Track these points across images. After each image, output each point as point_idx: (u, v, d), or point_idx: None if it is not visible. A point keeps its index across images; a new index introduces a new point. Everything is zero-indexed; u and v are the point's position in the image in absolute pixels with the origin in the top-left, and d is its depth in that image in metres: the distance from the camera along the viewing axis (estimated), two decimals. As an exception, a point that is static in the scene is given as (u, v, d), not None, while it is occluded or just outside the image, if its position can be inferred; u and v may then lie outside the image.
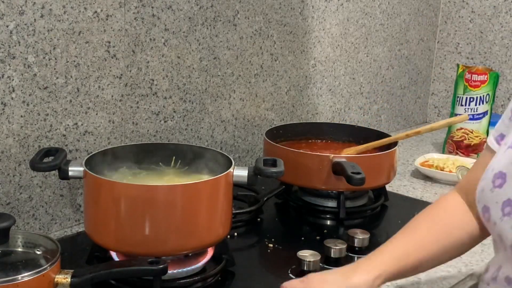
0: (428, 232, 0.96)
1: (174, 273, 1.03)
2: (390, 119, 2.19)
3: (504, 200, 0.84)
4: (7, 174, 1.14)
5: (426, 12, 2.23)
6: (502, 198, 0.85)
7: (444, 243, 0.96)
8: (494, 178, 0.87)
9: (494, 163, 0.90)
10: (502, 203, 0.85)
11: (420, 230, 0.97)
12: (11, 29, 1.09)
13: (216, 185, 1.03)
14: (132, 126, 1.33)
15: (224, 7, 1.47)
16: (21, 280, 0.80)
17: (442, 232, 0.97)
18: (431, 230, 0.97)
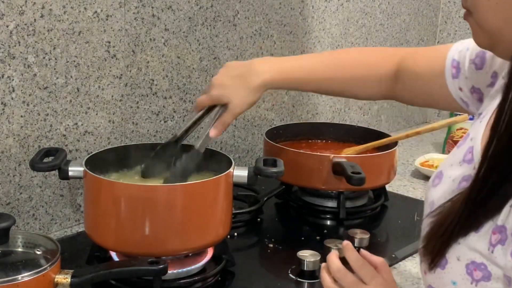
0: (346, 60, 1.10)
1: (174, 273, 1.03)
2: (390, 119, 2.19)
3: (430, 201, 0.82)
4: (7, 174, 1.14)
5: (426, 12, 2.23)
6: (430, 199, 0.82)
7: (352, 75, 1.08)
8: (435, 177, 0.84)
9: (442, 161, 0.88)
10: (429, 203, 0.82)
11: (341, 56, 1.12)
12: (11, 29, 1.09)
13: (216, 185, 1.03)
14: (132, 126, 1.33)
15: (224, 7, 1.47)
16: (21, 280, 0.80)
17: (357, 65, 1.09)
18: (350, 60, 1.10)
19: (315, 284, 1.08)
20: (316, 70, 1.10)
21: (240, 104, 1.08)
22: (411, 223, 1.37)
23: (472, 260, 0.69)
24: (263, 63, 1.09)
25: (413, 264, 1.18)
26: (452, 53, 0.95)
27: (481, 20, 0.70)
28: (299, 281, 1.08)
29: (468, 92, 0.93)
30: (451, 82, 0.95)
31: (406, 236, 1.28)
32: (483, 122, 0.80)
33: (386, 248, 1.27)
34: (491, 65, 0.88)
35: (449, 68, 0.95)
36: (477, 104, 0.93)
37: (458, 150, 0.82)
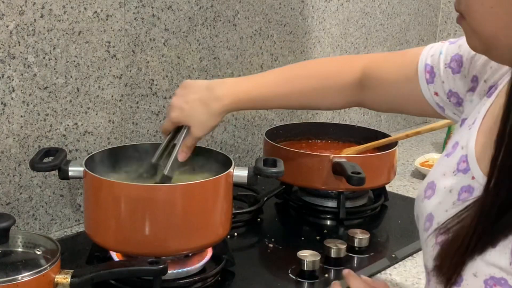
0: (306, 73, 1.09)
1: (174, 273, 1.03)
2: (390, 119, 2.19)
3: (427, 214, 0.79)
4: (7, 174, 1.14)
5: (426, 12, 2.23)
6: (427, 211, 0.79)
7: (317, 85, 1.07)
8: (427, 187, 0.82)
9: (431, 171, 0.85)
10: (425, 216, 0.80)
11: (300, 71, 1.10)
12: (11, 29, 1.09)
13: (216, 185, 1.03)
14: (132, 126, 1.33)
15: (224, 7, 1.47)
16: (21, 280, 0.80)
17: (318, 74, 1.08)
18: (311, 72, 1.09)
19: (315, 284, 1.08)
20: (274, 86, 1.08)
21: (201, 129, 1.06)
22: (411, 223, 1.36)
23: (491, 275, 0.66)
24: (222, 86, 1.07)
25: (413, 264, 1.18)
26: (423, 58, 0.93)
27: (475, 25, 0.69)
28: (299, 281, 1.08)
29: (445, 96, 0.91)
30: (426, 87, 0.93)
31: (406, 236, 1.28)
32: (472, 129, 0.78)
33: (386, 248, 1.27)
34: (469, 69, 0.87)
35: (422, 73, 0.93)
36: (453, 108, 0.92)
37: (448, 159, 0.80)
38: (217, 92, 1.06)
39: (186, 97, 1.06)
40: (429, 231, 0.77)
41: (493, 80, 0.82)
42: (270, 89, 1.08)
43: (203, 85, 1.08)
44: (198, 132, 1.06)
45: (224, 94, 1.06)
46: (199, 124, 1.06)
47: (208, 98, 1.05)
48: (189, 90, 1.07)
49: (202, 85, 1.08)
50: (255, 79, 1.10)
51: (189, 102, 1.06)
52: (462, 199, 0.74)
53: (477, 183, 0.73)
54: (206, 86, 1.07)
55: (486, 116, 0.79)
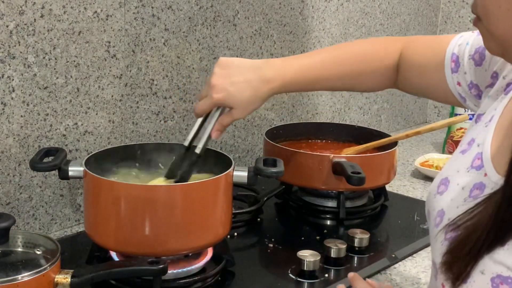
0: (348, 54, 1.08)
1: (174, 273, 1.03)
2: (390, 119, 2.19)
3: (439, 210, 0.79)
4: (7, 174, 1.14)
5: (426, 12, 2.23)
6: (438, 207, 0.79)
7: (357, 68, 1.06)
8: (440, 183, 0.82)
9: (445, 167, 0.85)
10: (437, 212, 0.79)
11: (343, 51, 1.09)
12: (11, 29, 1.09)
13: (216, 185, 1.03)
14: (132, 126, 1.33)
15: (224, 7, 1.47)
16: (21, 280, 0.80)
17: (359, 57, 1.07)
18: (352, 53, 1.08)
19: (315, 284, 1.08)
20: (321, 69, 1.06)
21: (244, 111, 1.03)
22: (411, 223, 1.37)
23: (498, 273, 0.66)
24: (270, 68, 1.03)
25: (413, 264, 1.18)
26: (452, 47, 0.94)
27: (492, 27, 0.69)
28: (299, 281, 1.08)
29: (466, 87, 0.92)
30: (450, 76, 0.94)
31: (406, 236, 1.28)
32: (489, 127, 0.78)
33: (386, 248, 1.27)
34: (490, 63, 0.87)
35: (448, 62, 0.94)
36: (474, 99, 0.92)
37: (463, 156, 0.80)
38: (265, 74, 1.02)
39: (232, 78, 1.01)
40: (439, 226, 0.77)
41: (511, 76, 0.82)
42: (317, 72, 1.06)
43: (247, 65, 1.04)
44: (240, 114, 1.03)
45: (272, 77, 1.02)
46: (244, 107, 1.02)
47: (257, 80, 1.02)
48: (233, 70, 1.02)
49: (246, 66, 1.03)
50: (302, 61, 1.07)
51: (235, 84, 1.01)
52: (473, 196, 0.74)
53: (489, 180, 0.73)
54: (252, 67, 1.03)
55: (503, 114, 0.78)
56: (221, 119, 1.05)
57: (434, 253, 0.79)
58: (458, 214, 0.72)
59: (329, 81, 1.07)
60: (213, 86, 1.02)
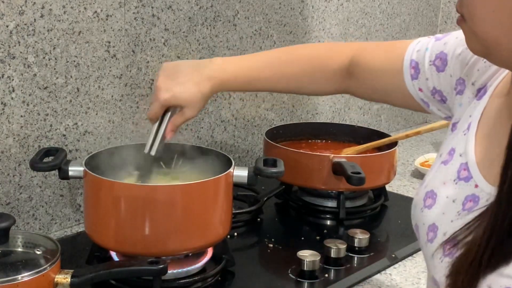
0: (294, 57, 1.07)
1: (174, 273, 1.03)
2: (390, 119, 2.19)
3: (430, 224, 0.77)
4: (7, 174, 1.14)
5: (426, 12, 2.23)
6: (429, 221, 0.78)
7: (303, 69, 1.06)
8: (426, 196, 0.80)
9: (428, 179, 0.82)
10: (428, 226, 0.78)
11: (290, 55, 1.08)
12: (11, 29, 1.09)
13: (216, 185, 1.03)
14: (132, 126, 1.33)
15: (224, 7, 1.47)
16: (21, 280, 0.80)
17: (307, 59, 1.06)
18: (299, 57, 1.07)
19: (315, 284, 1.08)
20: (262, 69, 1.07)
21: (194, 109, 1.04)
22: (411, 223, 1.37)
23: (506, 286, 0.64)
24: (211, 66, 1.05)
25: (413, 264, 1.18)
26: (409, 53, 0.92)
27: (477, 28, 0.68)
28: (299, 281, 1.08)
29: (429, 93, 0.91)
30: (410, 83, 0.92)
31: (406, 236, 1.28)
32: (468, 135, 0.77)
33: (386, 248, 1.27)
34: (454, 69, 0.86)
35: (407, 69, 0.92)
36: (438, 104, 0.91)
37: (446, 167, 0.79)
38: (207, 72, 1.04)
39: (176, 79, 1.03)
40: (435, 242, 0.76)
41: (481, 82, 0.81)
42: (258, 72, 1.06)
43: (190, 65, 1.06)
44: (191, 113, 1.04)
45: (213, 74, 1.04)
46: (193, 105, 1.04)
47: (199, 78, 1.03)
48: (176, 71, 1.05)
49: (189, 66, 1.06)
50: (243, 60, 1.08)
51: (180, 84, 1.03)
52: (468, 209, 0.73)
53: (482, 192, 0.72)
54: (194, 66, 1.05)
55: (481, 121, 0.77)
56: (173, 119, 1.05)
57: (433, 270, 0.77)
58: (455, 228, 0.71)
59: (269, 81, 1.07)
60: (159, 89, 1.04)
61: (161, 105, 1.04)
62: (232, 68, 1.06)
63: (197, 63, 1.07)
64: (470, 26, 0.69)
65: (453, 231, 0.71)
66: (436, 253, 0.75)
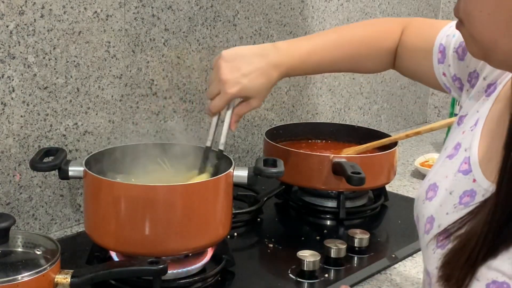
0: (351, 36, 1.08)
1: (174, 273, 1.03)
2: (390, 119, 2.19)
3: (428, 216, 0.78)
4: (7, 174, 1.14)
5: (426, 12, 2.23)
6: (428, 213, 0.79)
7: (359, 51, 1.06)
8: (428, 189, 0.81)
9: (432, 172, 0.84)
10: (426, 218, 0.79)
11: (346, 33, 1.09)
12: (11, 29, 1.09)
13: (216, 185, 1.03)
14: (132, 126, 1.33)
15: (224, 7, 1.47)
16: (21, 280, 0.80)
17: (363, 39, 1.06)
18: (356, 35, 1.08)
19: (315, 284, 1.08)
20: (327, 51, 1.06)
21: (260, 99, 1.03)
22: (411, 223, 1.35)
23: (493, 279, 0.65)
24: (277, 53, 1.03)
25: (413, 264, 1.18)
26: (441, 36, 0.94)
27: (474, 31, 0.69)
28: (299, 281, 1.08)
29: (451, 79, 0.92)
30: (437, 66, 0.94)
31: (406, 236, 1.28)
32: (475, 131, 0.78)
33: (386, 248, 1.27)
34: (472, 60, 0.87)
35: (436, 52, 0.94)
36: (458, 91, 0.92)
37: (451, 161, 0.80)
38: (273, 60, 1.02)
39: (242, 70, 1.00)
40: (430, 233, 0.77)
41: (492, 77, 0.81)
42: (323, 55, 1.06)
43: (254, 53, 1.03)
44: (258, 103, 1.03)
45: (280, 61, 1.02)
46: (260, 95, 1.03)
47: (266, 67, 1.01)
48: (240, 61, 1.01)
49: (253, 54, 1.02)
50: (307, 44, 1.06)
51: (247, 75, 1.00)
52: (464, 203, 0.73)
53: (479, 187, 0.73)
54: (258, 54, 1.02)
55: (488, 117, 0.78)
56: (237, 110, 1.05)
57: (426, 261, 0.79)
58: (449, 221, 0.72)
59: (334, 63, 1.07)
60: (225, 82, 1.00)
61: (229, 98, 1.02)
62: (299, 53, 1.04)
63: (261, 49, 1.03)
64: (468, 29, 0.70)
65: (448, 224, 0.72)
66: (429, 244, 0.75)
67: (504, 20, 0.65)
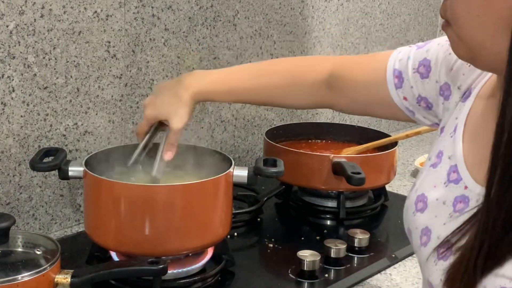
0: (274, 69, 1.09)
1: (174, 273, 1.03)
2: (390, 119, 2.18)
3: (423, 228, 0.78)
4: (7, 174, 1.14)
5: (426, 12, 2.23)
6: (422, 225, 0.78)
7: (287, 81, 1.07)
8: (417, 200, 0.80)
9: (418, 182, 0.83)
10: (421, 230, 0.78)
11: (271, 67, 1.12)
12: (11, 29, 1.09)
13: (216, 185, 1.03)
14: (132, 126, 1.33)
15: (224, 7, 1.47)
16: (21, 280, 0.80)
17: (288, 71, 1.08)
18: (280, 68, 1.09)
19: (315, 284, 1.08)
20: (241, 80, 1.09)
21: (179, 120, 1.05)
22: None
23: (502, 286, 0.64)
24: (190, 77, 1.08)
25: (413, 264, 1.18)
26: (392, 63, 0.92)
27: (462, 33, 0.68)
28: (299, 281, 1.08)
29: (414, 101, 0.90)
30: (395, 92, 0.92)
31: (406, 236, 1.28)
32: (455, 138, 0.77)
33: (386, 248, 1.27)
34: (439, 74, 0.86)
35: (391, 78, 0.92)
36: (424, 112, 0.91)
37: (435, 170, 0.79)
38: (185, 82, 1.07)
39: (160, 96, 1.08)
40: (428, 246, 0.76)
41: (466, 85, 0.81)
42: (236, 83, 1.08)
43: (173, 81, 1.12)
44: (177, 124, 1.05)
45: (191, 84, 1.06)
46: (176, 115, 1.05)
47: (178, 88, 1.06)
48: (160, 88, 1.10)
49: (172, 82, 1.12)
50: (223, 71, 1.12)
51: (161, 98, 1.07)
52: (459, 210, 0.73)
53: (471, 192, 0.72)
54: (176, 81, 1.10)
55: (467, 123, 0.78)
56: (167, 139, 1.07)
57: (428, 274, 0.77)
58: (448, 231, 0.71)
59: (249, 92, 1.09)
60: (144, 105, 1.09)
61: (147, 120, 1.08)
62: (210, 78, 1.08)
63: (179, 77, 1.11)
64: (455, 31, 0.69)
65: (446, 234, 0.71)
66: (430, 257, 0.74)
67: (492, 22, 0.65)
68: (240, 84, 1.08)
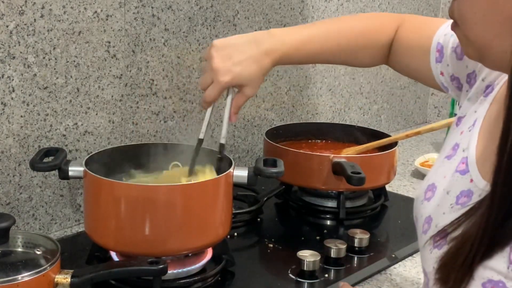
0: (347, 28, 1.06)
1: (174, 273, 1.03)
2: (390, 119, 2.19)
3: (426, 217, 0.79)
4: (7, 174, 1.14)
5: (426, 12, 2.23)
6: (426, 213, 0.79)
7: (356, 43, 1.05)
8: (427, 189, 0.81)
9: (431, 172, 0.84)
10: (424, 218, 0.79)
11: (342, 24, 1.08)
12: (11, 29, 1.09)
13: (216, 185, 1.03)
14: (132, 126, 1.33)
15: (224, 7, 1.47)
16: (21, 280, 0.80)
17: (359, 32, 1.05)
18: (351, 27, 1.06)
19: (315, 284, 1.08)
20: (323, 42, 1.04)
21: (254, 88, 1.01)
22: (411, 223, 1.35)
23: (489, 278, 0.65)
24: (270, 39, 1.01)
25: (413, 264, 1.18)
26: (438, 35, 0.93)
27: (468, 32, 0.69)
28: (299, 281, 1.08)
29: (449, 78, 0.92)
30: (434, 65, 0.93)
31: (406, 236, 1.28)
32: (473, 131, 0.78)
33: (386, 248, 1.27)
34: (470, 60, 0.86)
35: (433, 51, 0.93)
36: (456, 91, 0.92)
37: (449, 162, 0.80)
38: (266, 47, 1.00)
39: (234, 58, 0.99)
40: (428, 233, 0.77)
41: (490, 79, 0.81)
42: (318, 45, 1.04)
43: (246, 41, 1.01)
44: (252, 91, 1.01)
45: (272, 48, 1.00)
46: (253, 83, 1.01)
47: (259, 54, 0.99)
48: (232, 50, 1.00)
49: (245, 42, 1.01)
50: (302, 32, 1.04)
51: (238, 63, 0.99)
52: (461, 203, 0.73)
53: (476, 187, 0.73)
54: (250, 42, 1.01)
55: (486, 118, 0.78)
56: (235, 101, 1.03)
57: (424, 261, 0.79)
58: (446, 221, 0.72)
59: (327, 54, 1.05)
60: (217, 71, 0.99)
61: (222, 88, 1.00)
62: (292, 42, 1.02)
63: (253, 37, 1.02)
64: (463, 31, 0.70)
65: (444, 224, 0.72)
66: (427, 244, 0.75)
67: (498, 21, 0.65)
68: (319, 47, 1.04)
